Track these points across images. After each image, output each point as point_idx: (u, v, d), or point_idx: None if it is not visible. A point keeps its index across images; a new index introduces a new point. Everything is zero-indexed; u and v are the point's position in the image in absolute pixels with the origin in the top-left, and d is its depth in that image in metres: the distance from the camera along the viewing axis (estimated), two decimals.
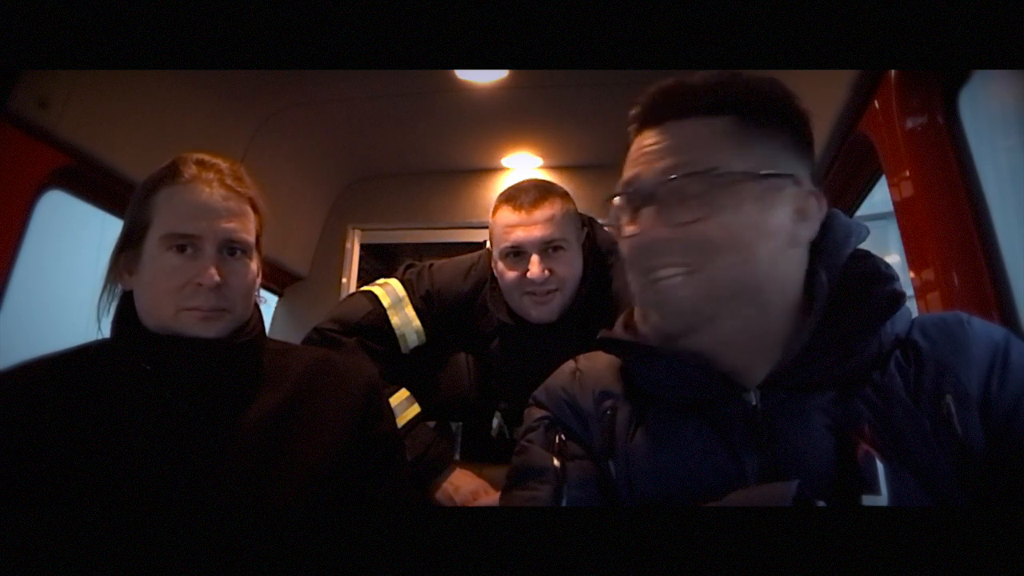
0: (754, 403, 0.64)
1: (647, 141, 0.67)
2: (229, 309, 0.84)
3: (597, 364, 0.77)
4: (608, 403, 0.72)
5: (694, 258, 0.63)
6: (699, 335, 0.66)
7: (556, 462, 0.69)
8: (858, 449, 0.59)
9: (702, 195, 0.63)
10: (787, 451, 0.62)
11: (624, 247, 0.69)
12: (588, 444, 0.72)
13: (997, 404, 0.61)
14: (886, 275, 0.65)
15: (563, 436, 0.72)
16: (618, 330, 0.74)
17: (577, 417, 0.73)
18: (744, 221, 0.63)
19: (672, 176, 0.64)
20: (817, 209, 0.67)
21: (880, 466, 0.57)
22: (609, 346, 0.74)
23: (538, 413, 0.76)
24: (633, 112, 0.70)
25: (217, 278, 0.81)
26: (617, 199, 0.70)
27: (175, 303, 0.81)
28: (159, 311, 0.82)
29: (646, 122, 0.68)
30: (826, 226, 0.68)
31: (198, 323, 0.82)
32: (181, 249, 0.82)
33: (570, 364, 0.80)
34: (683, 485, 0.64)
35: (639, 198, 0.66)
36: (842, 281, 0.66)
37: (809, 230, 0.66)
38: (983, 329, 0.66)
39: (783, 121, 0.67)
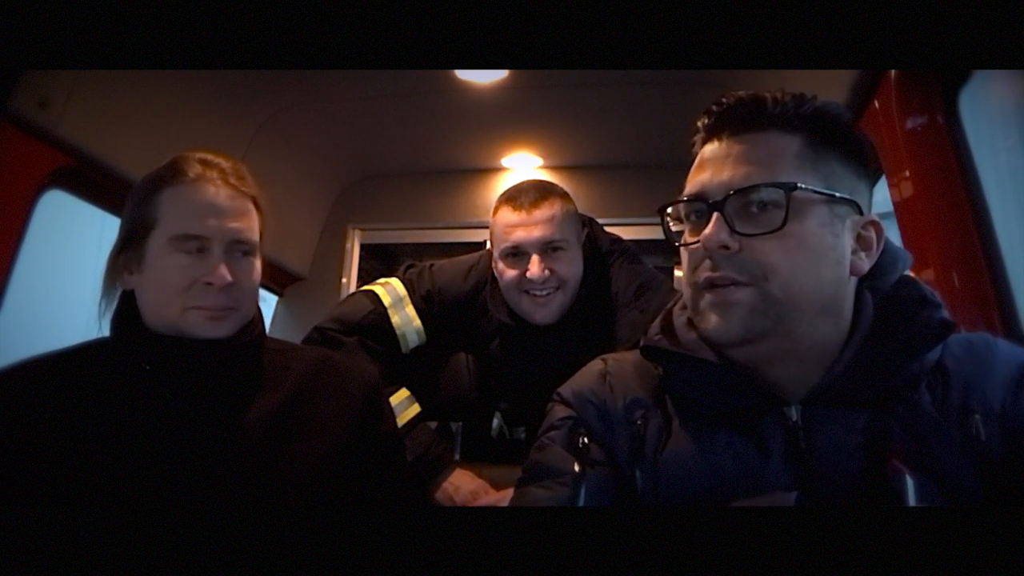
0: (795, 418, 0.64)
1: (715, 150, 0.66)
2: (237, 308, 0.84)
3: (626, 368, 0.77)
4: (639, 412, 0.71)
5: (754, 272, 0.62)
6: (745, 349, 0.65)
7: (576, 466, 0.69)
8: (889, 467, 0.59)
9: (774, 209, 0.62)
10: (822, 467, 0.62)
11: (684, 253, 0.68)
12: (612, 450, 0.71)
13: (1013, 416, 0.61)
14: (933, 301, 0.66)
15: (586, 439, 0.71)
16: (656, 336, 0.73)
17: (604, 422, 0.73)
18: (810, 244, 0.62)
19: (745, 186, 0.62)
20: (876, 240, 0.66)
21: (910, 481, 0.57)
22: (650, 354, 0.73)
23: (562, 412, 0.76)
24: (703, 120, 0.68)
25: (229, 278, 0.81)
26: (679, 206, 0.68)
27: (182, 302, 0.81)
28: (165, 310, 0.82)
29: (718, 130, 0.67)
30: None
31: (206, 322, 0.82)
32: (190, 249, 0.82)
33: (598, 364, 0.79)
34: (713, 495, 0.64)
35: (707, 205, 0.64)
36: (887, 304, 0.66)
37: (868, 261, 0.66)
38: (1009, 350, 0.67)
39: (848, 148, 0.66)
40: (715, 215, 0.63)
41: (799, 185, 0.61)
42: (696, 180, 0.67)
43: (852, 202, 0.65)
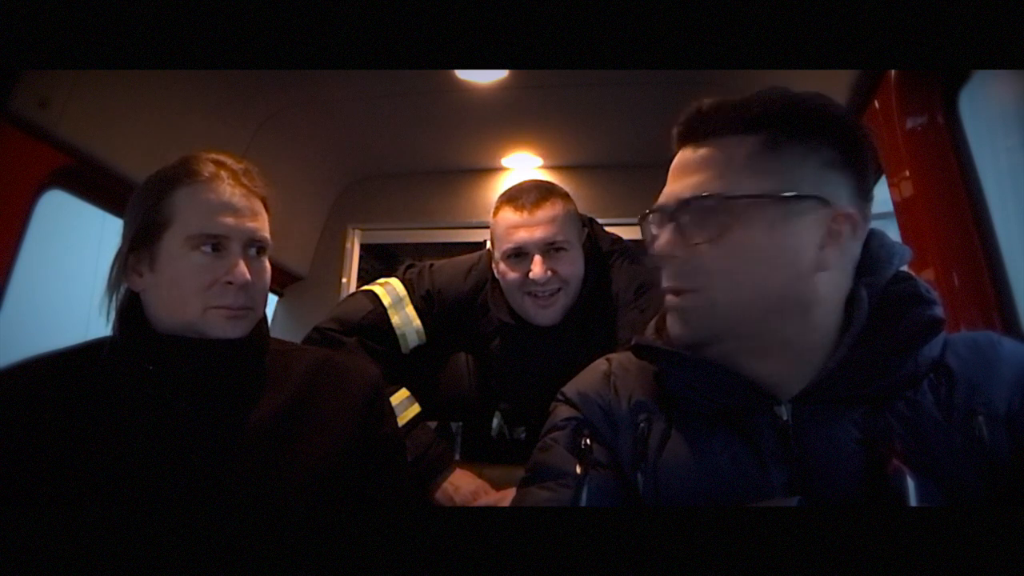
0: (785, 417, 0.64)
1: (680, 159, 0.68)
2: (253, 307, 0.85)
3: (630, 369, 0.77)
4: (643, 416, 0.71)
5: (701, 279, 0.64)
6: (710, 348, 0.67)
7: (578, 468, 0.69)
8: (888, 463, 0.59)
9: (713, 217, 0.63)
10: (816, 465, 0.62)
11: (649, 262, 0.71)
12: (616, 451, 0.71)
13: (1020, 419, 0.61)
14: (926, 298, 0.65)
15: (589, 441, 0.71)
16: (650, 335, 0.74)
17: (609, 423, 0.73)
18: (754, 248, 0.63)
19: (688, 197, 0.65)
20: (851, 232, 0.64)
21: (910, 481, 0.57)
22: (643, 352, 0.73)
23: (566, 412, 0.76)
24: (673, 129, 0.70)
25: (248, 276, 0.82)
26: (651, 215, 0.71)
27: (203, 302, 0.81)
28: (184, 310, 0.82)
29: (682, 140, 0.69)
30: (868, 246, 0.68)
31: (225, 322, 0.82)
32: (208, 248, 0.82)
33: (603, 365, 0.79)
34: (712, 497, 0.64)
35: (664, 216, 0.68)
36: (882, 301, 0.66)
37: (839, 256, 0.64)
38: (1014, 350, 0.66)
39: (824, 139, 0.64)
40: (669, 225, 0.66)
41: (728, 195, 0.63)
42: (664, 190, 0.69)
43: (815, 197, 0.62)
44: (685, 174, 0.67)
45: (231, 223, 0.82)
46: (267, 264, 0.89)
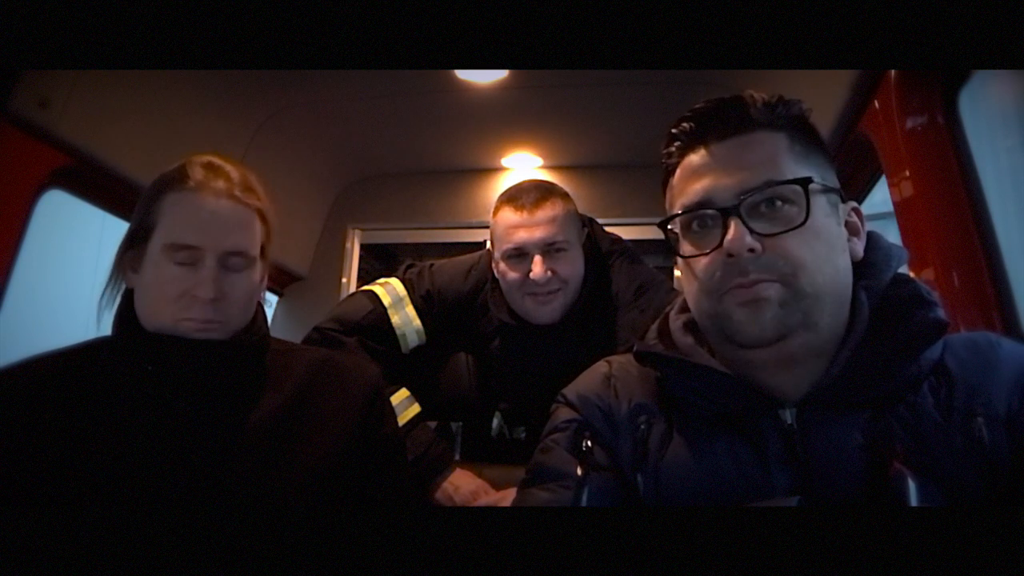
0: (789, 421, 0.64)
1: (711, 155, 0.66)
2: (224, 322, 0.83)
3: (631, 371, 0.77)
4: (643, 418, 0.71)
5: (783, 270, 0.62)
6: (774, 347, 0.64)
7: (579, 470, 0.69)
8: (891, 468, 0.59)
9: (787, 205, 0.63)
10: (820, 469, 0.62)
11: (701, 264, 0.66)
12: (616, 453, 0.71)
13: (1020, 420, 0.61)
14: (929, 300, 0.65)
15: (590, 443, 0.71)
16: (652, 340, 0.73)
17: (609, 425, 0.73)
18: (824, 234, 0.64)
19: (756, 185, 0.63)
20: (861, 224, 0.69)
21: (911, 483, 0.57)
22: (645, 359, 0.73)
23: (567, 414, 0.76)
24: (681, 127, 0.69)
25: (212, 293, 0.80)
26: (680, 218, 0.68)
27: (173, 312, 0.81)
28: (158, 317, 0.82)
29: (703, 136, 0.67)
30: (867, 248, 0.69)
31: (195, 332, 0.81)
32: (183, 260, 0.81)
33: (603, 367, 0.79)
34: (713, 499, 0.64)
35: (719, 211, 0.64)
36: (883, 304, 0.66)
37: (860, 245, 0.68)
38: (1013, 350, 0.66)
39: (821, 141, 0.69)
40: (733, 220, 0.63)
41: (812, 179, 0.63)
42: (694, 189, 0.66)
43: (839, 191, 0.67)
44: (730, 169, 0.64)
45: (206, 235, 0.81)
46: (250, 277, 0.85)
